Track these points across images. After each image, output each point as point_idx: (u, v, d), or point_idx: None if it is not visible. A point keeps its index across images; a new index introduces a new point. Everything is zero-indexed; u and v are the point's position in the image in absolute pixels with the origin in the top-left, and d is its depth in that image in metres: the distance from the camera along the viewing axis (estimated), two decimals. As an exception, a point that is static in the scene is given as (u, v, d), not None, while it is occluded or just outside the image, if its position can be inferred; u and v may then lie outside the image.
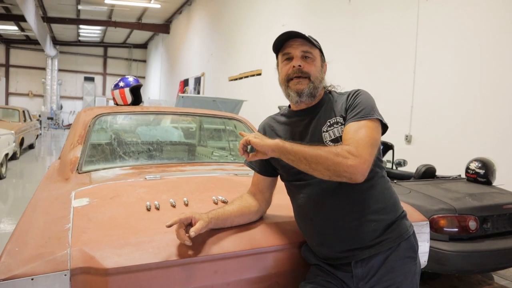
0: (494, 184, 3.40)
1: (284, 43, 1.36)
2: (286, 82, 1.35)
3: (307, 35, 1.34)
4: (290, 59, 1.35)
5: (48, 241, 1.20)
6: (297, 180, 1.35)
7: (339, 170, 1.13)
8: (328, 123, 1.31)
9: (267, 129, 1.47)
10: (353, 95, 1.34)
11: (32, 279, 1.05)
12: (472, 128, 4.58)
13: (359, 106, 1.28)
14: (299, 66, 1.32)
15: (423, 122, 5.14)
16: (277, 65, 1.43)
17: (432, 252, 2.17)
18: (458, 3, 4.84)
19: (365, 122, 1.23)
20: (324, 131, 1.31)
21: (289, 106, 1.47)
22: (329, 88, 1.44)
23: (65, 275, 1.09)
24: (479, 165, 3.42)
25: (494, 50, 4.40)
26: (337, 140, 1.27)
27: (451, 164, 4.20)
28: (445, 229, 2.69)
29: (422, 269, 1.46)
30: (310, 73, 1.33)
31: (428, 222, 1.71)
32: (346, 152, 1.14)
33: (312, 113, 1.38)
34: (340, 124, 1.30)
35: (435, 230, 2.66)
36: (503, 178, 3.48)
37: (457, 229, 2.70)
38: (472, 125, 4.58)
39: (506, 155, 4.02)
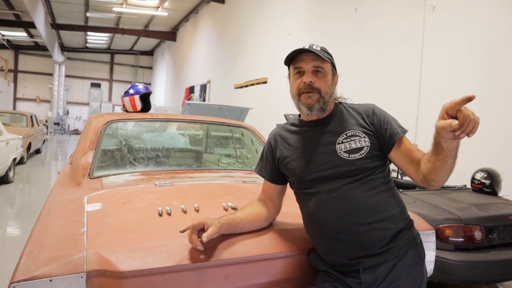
0: (500, 194, 3.41)
1: (296, 56, 1.39)
2: (298, 96, 1.39)
3: (319, 48, 1.38)
4: (301, 73, 1.38)
5: (64, 244, 1.24)
6: (307, 188, 1.38)
7: None
8: (345, 135, 1.35)
9: (278, 139, 1.51)
10: (377, 112, 1.40)
11: (51, 280, 1.09)
12: (478, 137, 4.57)
13: (390, 122, 1.37)
14: (310, 82, 1.35)
15: (428, 131, 5.13)
16: (289, 76, 1.46)
17: (438, 261, 2.19)
18: (464, 13, 4.88)
19: (405, 137, 1.36)
20: (339, 142, 1.35)
21: (299, 116, 1.50)
22: (339, 100, 1.47)
23: (82, 277, 1.12)
24: (485, 175, 3.42)
25: (500, 59, 4.42)
26: (353, 151, 1.32)
27: (457, 174, 4.20)
28: (450, 238, 2.70)
29: (428, 278, 1.48)
30: (321, 89, 1.36)
31: (434, 231, 1.73)
32: None
33: (324, 124, 1.41)
34: (359, 137, 1.34)
35: (441, 239, 2.67)
36: (509, 189, 3.49)
37: (462, 239, 2.71)
38: (479, 134, 4.57)
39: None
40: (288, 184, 1.52)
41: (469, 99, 1.01)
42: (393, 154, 1.35)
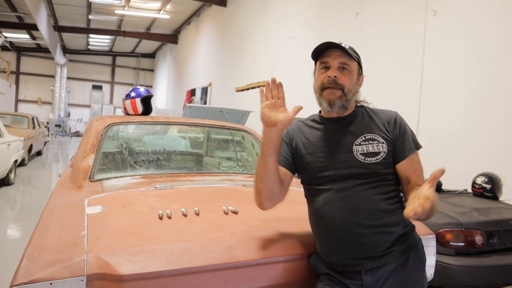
0: (500, 199, 3.40)
1: (324, 51, 1.39)
2: (320, 90, 1.39)
3: (347, 46, 1.38)
4: (327, 68, 1.38)
5: (65, 247, 1.24)
6: (318, 184, 1.38)
7: None
8: (364, 138, 1.36)
9: (296, 130, 1.50)
10: (399, 122, 1.40)
11: (51, 283, 1.09)
12: (480, 142, 4.59)
13: (408, 135, 1.39)
14: (335, 77, 1.35)
15: (429, 135, 5.15)
16: (314, 72, 1.46)
17: (438, 266, 2.18)
18: (465, 17, 4.89)
19: (416, 153, 1.39)
20: (356, 144, 1.35)
21: (319, 111, 1.50)
22: (362, 103, 1.48)
23: (82, 280, 1.13)
24: (486, 179, 3.42)
25: (501, 63, 4.42)
26: (369, 155, 1.33)
27: (458, 178, 4.20)
28: (451, 243, 2.69)
29: (428, 283, 1.48)
30: (344, 85, 1.36)
31: (434, 235, 1.73)
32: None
33: (344, 123, 1.41)
34: (377, 142, 1.35)
35: (441, 244, 2.67)
36: (510, 193, 3.48)
37: (463, 244, 2.70)
38: (480, 139, 4.59)
39: (513, 170, 4.02)
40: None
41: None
42: (399, 166, 1.37)
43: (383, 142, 1.35)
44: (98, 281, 1.14)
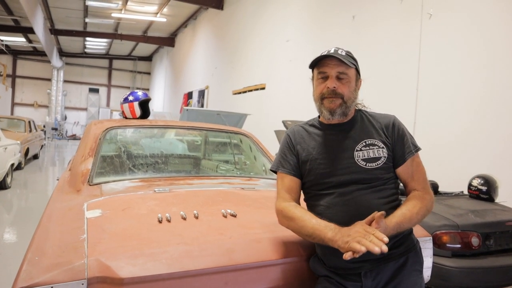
0: (496, 201, 3.43)
1: (321, 60, 1.40)
2: (320, 99, 1.41)
3: (344, 53, 1.39)
4: (325, 77, 1.39)
5: (65, 251, 1.25)
6: (321, 190, 1.40)
7: (429, 212, 1.38)
8: (364, 143, 1.38)
9: (297, 136, 1.50)
10: (397, 126, 1.43)
11: (52, 287, 1.10)
12: (476, 144, 4.62)
13: (407, 138, 1.42)
14: (334, 87, 1.37)
15: (426, 138, 5.18)
16: (312, 78, 1.47)
17: (435, 268, 2.20)
18: (461, 21, 4.93)
19: (417, 155, 1.43)
20: (357, 150, 1.37)
21: (318, 116, 1.51)
22: (360, 107, 1.50)
23: (83, 284, 1.14)
24: (482, 181, 3.44)
25: (497, 66, 4.47)
26: (370, 160, 1.35)
27: (454, 180, 4.23)
28: (447, 245, 2.71)
29: (425, 285, 1.50)
30: (344, 94, 1.38)
31: (431, 237, 1.75)
32: (430, 202, 1.38)
33: (344, 129, 1.43)
34: (377, 147, 1.37)
35: (438, 246, 2.69)
36: (505, 195, 3.51)
37: (459, 245, 2.72)
38: (476, 141, 4.62)
39: (509, 172, 4.05)
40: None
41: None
42: (398, 171, 1.41)
43: (383, 147, 1.38)
44: (98, 285, 1.15)
